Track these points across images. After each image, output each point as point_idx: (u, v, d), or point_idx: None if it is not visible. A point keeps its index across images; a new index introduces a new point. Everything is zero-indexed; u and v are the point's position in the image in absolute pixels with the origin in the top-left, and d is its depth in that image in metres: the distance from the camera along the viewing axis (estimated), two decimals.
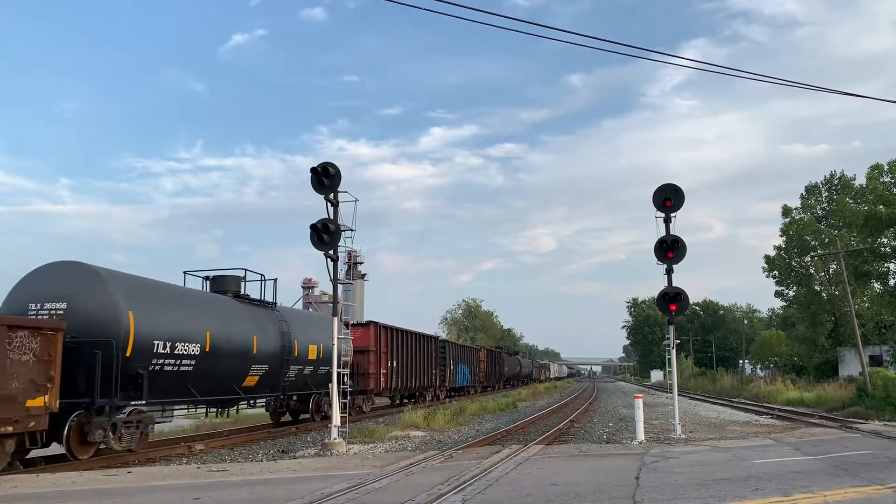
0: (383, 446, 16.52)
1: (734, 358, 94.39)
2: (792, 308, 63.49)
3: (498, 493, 9.50)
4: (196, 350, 15.83)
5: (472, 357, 49.60)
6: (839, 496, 8.98)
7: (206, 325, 16.46)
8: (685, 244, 18.41)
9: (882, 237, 42.12)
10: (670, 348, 19.36)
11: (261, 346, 18.62)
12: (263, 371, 18.91)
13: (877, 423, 21.08)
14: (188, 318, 16.08)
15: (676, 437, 17.64)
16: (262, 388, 19.41)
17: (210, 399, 17.27)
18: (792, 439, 17.08)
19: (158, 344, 14.64)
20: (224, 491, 10.04)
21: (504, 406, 31.93)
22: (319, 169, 16.51)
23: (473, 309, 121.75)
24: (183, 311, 16.21)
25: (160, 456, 14.92)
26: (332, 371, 16.44)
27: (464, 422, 23.59)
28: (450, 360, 41.29)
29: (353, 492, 9.59)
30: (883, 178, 41.15)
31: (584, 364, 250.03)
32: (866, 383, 27.19)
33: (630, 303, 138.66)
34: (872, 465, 12.03)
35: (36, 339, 11.94)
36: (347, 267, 78.42)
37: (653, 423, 22.11)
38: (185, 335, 15.56)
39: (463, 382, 45.08)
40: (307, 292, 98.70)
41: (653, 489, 9.66)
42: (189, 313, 16.36)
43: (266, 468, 12.76)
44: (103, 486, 10.46)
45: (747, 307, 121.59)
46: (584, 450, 15.35)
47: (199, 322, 16.33)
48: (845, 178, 58.56)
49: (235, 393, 18.05)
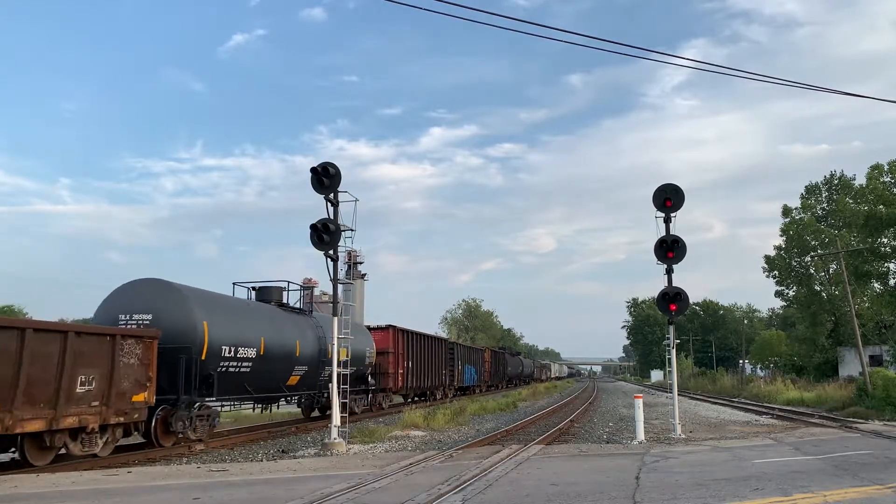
0: (383, 446, 16.52)
1: (734, 358, 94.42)
2: (792, 308, 63.51)
3: (498, 493, 9.50)
4: (253, 354, 18.15)
5: (478, 358, 51.62)
6: (839, 496, 8.98)
7: (260, 331, 18.77)
8: (685, 244, 18.40)
9: (882, 237, 42.10)
10: (670, 348, 19.36)
11: (302, 350, 20.91)
12: (304, 371, 21.25)
13: (877, 423, 21.08)
14: (247, 326, 18.34)
15: (676, 436, 17.64)
16: (302, 387, 21.77)
17: (261, 396, 19.77)
18: (792, 439, 17.08)
19: (225, 349, 16.95)
20: (224, 491, 10.04)
21: (504, 406, 31.93)
22: (319, 169, 16.51)
23: (473, 309, 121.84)
24: (243, 320, 18.47)
25: (160, 456, 14.92)
26: (333, 371, 16.45)
27: (464, 422, 23.59)
28: (458, 361, 43.34)
29: (353, 492, 9.59)
30: (883, 178, 41.14)
31: (585, 364, 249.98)
32: (866, 383, 27.19)
33: (630, 303, 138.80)
34: (872, 465, 12.03)
35: (139, 345, 14.24)
36: (347, 267, 78.35)
37: (653, 423, 22.11)
38: (245, 341, 17.91)
39: (470, 382, 47.16)
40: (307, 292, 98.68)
41: (653, 489, 9.66)
42: (247, 322, 18.61)
43: (266, 468, 12.76)
44: (103, 486, 10.46)
45: (747, 307, 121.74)
46: (584, 450, 15.35)
47: (255, 329, 18.60)
48: (845, 178, 58.56)
49: (281, 391, 20.65)
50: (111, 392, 13.35)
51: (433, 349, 37.25)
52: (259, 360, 18.34)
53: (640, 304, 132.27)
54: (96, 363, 13.08)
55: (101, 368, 13.18)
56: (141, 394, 14.27)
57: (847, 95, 17.03)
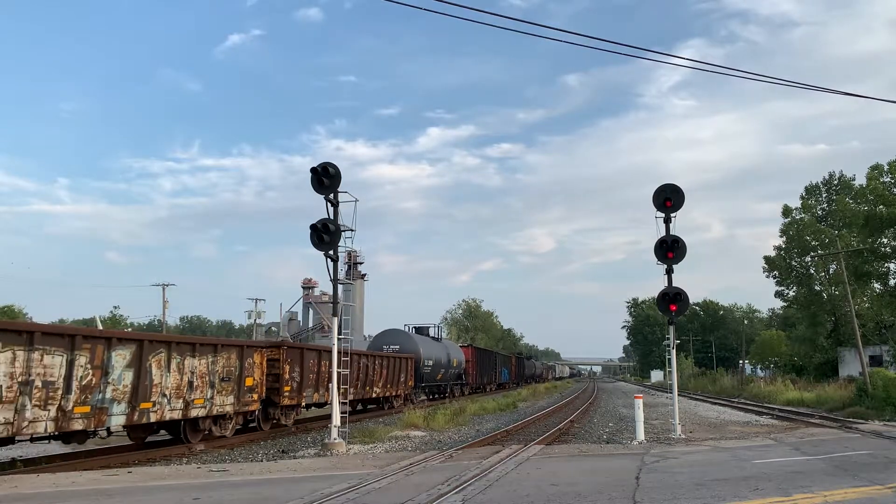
0: (383, 446, 16.52)
1: (734, 358, 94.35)
2: (792, 308, 63.52)
3: (498, 494, 9.50)
4: (432, 363, 37.61)
5: (508, 362, 70.94)
6: (839, 496, 8.98)
7: (435, 351, 39.35)
8: (685, 244, 18.40)
9: (882, 237, 42.13)
10: (670, 348, 19.36)
11: (442, 360, 40.16)
12: (442, 372, 40.43)
13: (877, 423, 21.08)
14: (431, 349, 38.58)
15: (676, 437, 17.64)
16: (442, 380, 41.00)
17: (431, 385, 39.22)
18: (792, 439, 17.08)
19: (426, 360, 36.26)
20: (224, 491, 10.04)
21: (504, 406, 31.91)
22: (319, 169, 16.50)
23: (473, 309, 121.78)
24: (430, 346, 38.85)
25: (160, 456, 14.92)
26: (333, 371, 16.45)
27: (464, 422, 23.58)
28: (499, 365, 62.70)
29: (353, 492, 9.59)
30: (883, 178, 41.15)
31: (584, 364, 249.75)
32: (866, 383, 27.18)
33: (630, 303, 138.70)
34: (872, 465, 12.03)
35: (404, 360, 31.96)
36: (347, 267, 78.40)
37: (653, 423, 22.11)
38: (431, 356, 37.79)
39: (505, 379, 65.94)
40: (307, 292, 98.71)
41: (653, 489, 9.66)
42: (431, 346, 38.98)
43: (266, 468, 12.76)
44: (103, 486, 10.46)
45: (747, 307, 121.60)
46: (584, 450, 15.36)
47: (433, 350, 39.08)
48: (845, 178, 58.58)
49: (436, 381, 39.88)
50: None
51: (488, 357, 58.26)
52: (434, 366, 38.26)
53: (640, 304, 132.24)
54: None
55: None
56: (401, 388, 30.70)
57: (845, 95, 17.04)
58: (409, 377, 32.32)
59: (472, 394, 47.06)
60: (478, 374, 51.37)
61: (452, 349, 45.04)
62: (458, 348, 47.89)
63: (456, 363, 43.98)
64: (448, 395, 41.71)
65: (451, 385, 43.32)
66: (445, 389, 42.24)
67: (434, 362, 38.57)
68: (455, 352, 45.17)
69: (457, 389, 44.62)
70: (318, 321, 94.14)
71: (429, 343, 39.34)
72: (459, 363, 44.78)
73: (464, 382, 46.58)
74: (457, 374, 44.22)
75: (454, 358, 43.71)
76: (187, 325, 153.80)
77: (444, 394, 42.14)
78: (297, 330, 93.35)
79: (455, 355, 44.32)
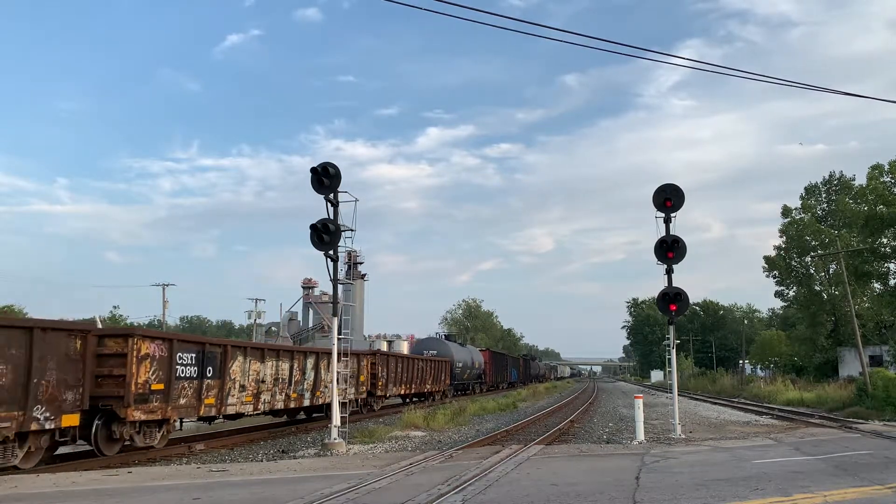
0: (383, 446, 16.52)
1: (734, 358, 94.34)
2: (792, 308, 63.56)
3: (498, 494, 9.50)
4: (461, 365, 46.12)
5: (517, 363, 78.95)
6: (839, 496, 8.99)
7: (462, 355, 47.78)
8: (685, 244, 18.39)
9: (882, 237, 42.11)
10: (670, 348, 19.36)
11: (468, 362, 48.56)
12: (467, 373, 47.90)
13: (877, 423, 21.07)
14: (460, 353, 47.54)
15: (676, 437, 17.64)
16: (468, 379, 48.93)
17: (460, 383, 45.75)
18: (792, 439, 17.08)
19: (457, 363, 44.94)
20: (224, 491, 10.04)
21: (504, 406, 31.89)
22: (319, 169, 16.50)
23: (474, 309, 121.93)
24: (459, 351, 48.21)
25: (160, 456, 14.91)
26: (333, 371, 16.45)
27: (464, 422, 23.58)
28: (510, 366, 71.37)
29: (353, 492, 9.59)
30: (883, 177, 41.14)
31: (584, 364, 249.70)
32: (866, 383, 27.18)
33: (630, 303, 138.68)
34: (872, 465, 12.03)
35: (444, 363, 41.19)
36: (347, 267, 78.34)
37: (653, 423, 22.11)
38: (461, 359, 46.50)
39: (514, 378, 72.92)
40: (307, 292, 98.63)
41: (653, 489, 9.66)
42: (460, 351, 48.29)
43: (266, 468, 12.75)
44: (103, 486, 10.46)
45: (747, 307, 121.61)
46: (584, 450, 15.35)
47: (461, 354, 47.68)
48: (845, 178, 58.57)
49: (463, 380, 47.26)
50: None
51: (501, 360, 66.62)
52: (465, 366, 47.02)
53: (640, 304, 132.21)
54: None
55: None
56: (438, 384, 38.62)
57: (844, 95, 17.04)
58: (446, 376, 41.02)
59: (489, 391, 54.48)
60: (493, 374, 59.35)
61: (475, 353, 54.64)
62: (478, 352, 56.95)
63: (477, 365, 52.50)
64: (470, 392, 49.55)
65: (473, 383, 51.59)
66: (468, 386, 50.07)
67: (463, 364, 47.12)
68: (476, 355, 54.11)
69: (477, 387, 53.05)
70: (318, 321, 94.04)
71: (458, 348, 49.13)
72: (480, 365, 53.56)
73: (482, 381, 54.71)
74: (477, 374, 52.65)
75: (476, 360, 52.44)
76: (187, 324, 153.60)
77: (467, 390, 49.36)
78: (297, 330, 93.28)
79: (476, 358, 53.35)
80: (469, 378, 49.31)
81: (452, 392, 42.34)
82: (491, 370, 57.85)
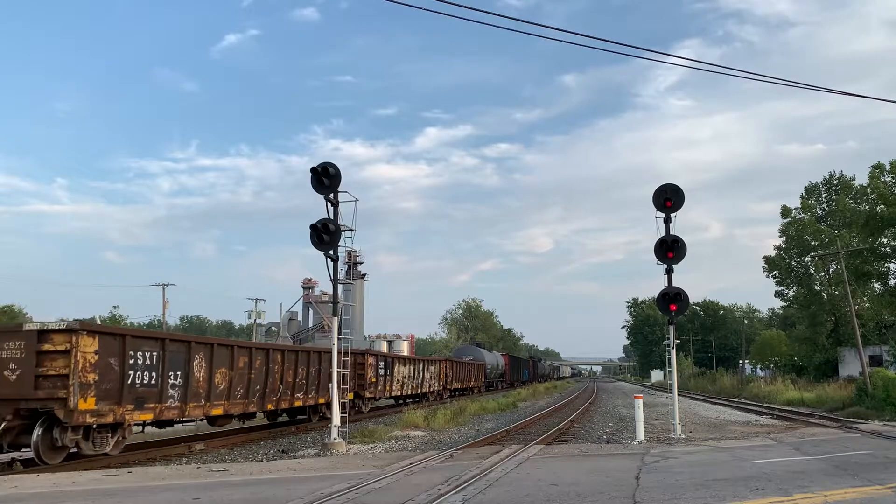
0: (383, 446, 16.52)
1: (734, 358, 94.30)
2: (792, 308, 63.50)
3: (498, 494, 9.50)
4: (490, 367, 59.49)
5: (527, 364, 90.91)
6: (839, 496, 8.98)
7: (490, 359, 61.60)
8: (685, 244, 18.38)
9: (882, 237, 42.07)
10: (670, 348, 19.34)
11: (495, 364, 62.66)
12: (494, 373, 61.48)
13: (877, 423, 21.06)
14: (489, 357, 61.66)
15: (676, 437, 17.63)
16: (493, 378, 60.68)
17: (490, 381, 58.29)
18: (792, 439, 17.08)
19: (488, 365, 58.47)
20: (224, 491, 10.03)
21: (504, 406, 31.89)
22: (319, 169, 16.49)
23: (474, 309, 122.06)
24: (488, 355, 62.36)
25: (160, 456, 14.92)
26: (333, 371, 16.44)
27: (464, 422, 23.59)
28: (522, 367, 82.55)
29: (353, 492, 9.59)
30: (884, 177, 41.10)
31: (584, 364, 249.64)
32: (866, 383, 27.18)
33: (630, 303, 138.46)
34: (872, 465, 12.02)
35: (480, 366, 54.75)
36: (347, 267, 78.35)
37: (653, 423, 22.11)
38: (490, 362, 60.30)
39: (526, 378, 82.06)
40: (307, 292, 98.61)
41: (653, 489, 9.66)
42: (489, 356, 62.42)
43: (266, 468, 12.75)
44: (103, 486, 10.46)
45: (747, 307, 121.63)
46: (584, 450, 15.35)
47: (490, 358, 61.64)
48: (845, 178, 58.52)
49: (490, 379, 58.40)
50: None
51: (517, 362, 79.41)
52: (490, 369, 58.73)
53: (640, 304, 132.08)
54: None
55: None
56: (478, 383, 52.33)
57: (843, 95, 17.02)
58: (482, 375, 54.12)
59: (508, 388, 63.50)
60: (511, 374, 71.67)
61: (498, 357, 68.18)
62: (500, 356, 69.97)
63: (500, 366, 65.66)
64: (494, 388, 59.93)
65: (497, 381, 63.26)
66: (493, 385, 60.99)
67: (491, 366, 60.19)
68: (499, 359, 67.93)
69: (501, 384, 64.73)
70: (318, 321, 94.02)
71: (487, 353, 62.80)
72: (502, 366, 66.48)
73: (503, 380, 66.55)
74: (500, 373, 65.31)
75: (500, 363, 66.23)
76: (187, 324, 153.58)
77: (491, 386, 59.58)
78: (297, 330, 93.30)
79: (500, 361, 66.84)
80: (494, 377, 61.78)
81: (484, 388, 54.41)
82: (509, 370, 70.39)
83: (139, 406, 13.80)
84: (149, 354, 14.02)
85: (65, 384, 12.09)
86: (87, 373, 12.40)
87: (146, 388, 13.97)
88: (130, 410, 13.55)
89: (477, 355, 57.06)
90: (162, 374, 14.33)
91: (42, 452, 12.39)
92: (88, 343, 12.49)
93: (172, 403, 14.71)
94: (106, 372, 12.88)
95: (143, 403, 13.89)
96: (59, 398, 12.09)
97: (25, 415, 12.23)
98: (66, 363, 12.17)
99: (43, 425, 12.38)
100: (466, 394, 45.51)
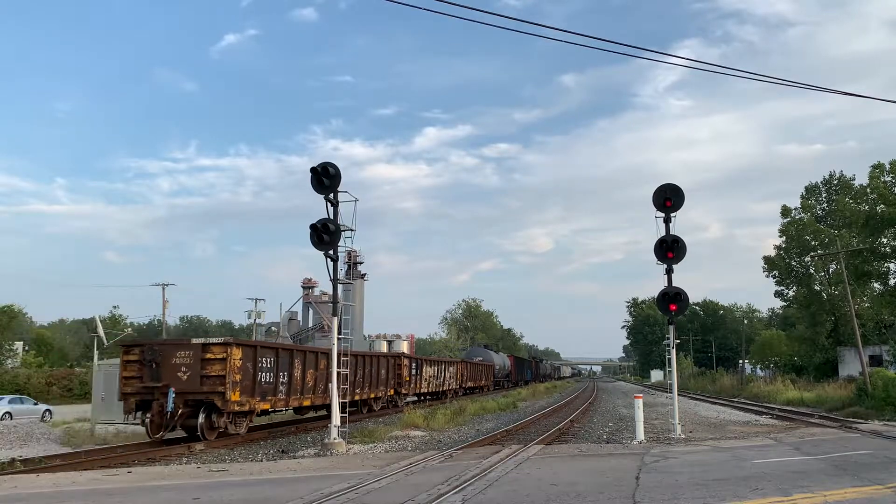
0: (383, 446, 16.52)
1: (734, 358, 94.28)
2: (792, 308, 63.43)
3: (498, 493, 9.50)
4: (498, 367, 63.70)
5: (530, 364, 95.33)
6: (839, 496, 8.98)
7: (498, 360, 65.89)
8: (685, 244, 18.38)
9: (882, 237, 42.09)
10: (670, 348, 19.34)
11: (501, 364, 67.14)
12: (501, 373, 65.98)
13: (877, 423, 21.05)
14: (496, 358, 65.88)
15: (676, 437, 17.63)
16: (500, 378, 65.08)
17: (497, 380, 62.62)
18: (792, 439, 17.08)
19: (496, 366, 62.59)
20: (224, 491, 10.03)
21: (504, 406, 31.87)
22: (319, 169, 16.49)
23: (473, 309, 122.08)
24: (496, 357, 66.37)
25: (160, 456, 14.92)
26: (333, 370, 16.44)
27: (464, 422, 23.58)
28: (526, 368, 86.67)
29: (352, 492, 9.59)
30: (884, 177, 41.11)
31: (584, 364, 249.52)
32: (866, 383, 27.17)
33: (630, 303, 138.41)
34: (872, 465, 12.02)
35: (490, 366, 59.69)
36: (347, 267, 78.26)
37: (653, 423, 22.11)
38: (497, 363, 64.27)
39: (529, 377, 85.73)
40: (307, 292, 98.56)
41: (653, 489, 9.66)
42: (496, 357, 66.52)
43: (266, 468, 12.76)
44: (103, 486, 10.46)
45: (747, 307, 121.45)
46: (584, 450, 15.35)
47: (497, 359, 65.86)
48: (845, 178, 58.46)
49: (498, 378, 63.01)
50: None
51: (521, 363, 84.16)
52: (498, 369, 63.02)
53: (640, 304, 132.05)
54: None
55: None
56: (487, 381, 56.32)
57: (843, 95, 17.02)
58: (490, 376, 57.98)
59: (514, 387, 67.17)
60: (516, 374, 75.72)
61: (504, 358, 72.22)
62: (506, 357, 74.88)
63: (506, 367, 70.29)
64: (501, 387, 63.64)
65: (504, 380, 67.44)
66: (500, 384, 64.75)
67: (499, 367, 64.47)
68: (506, 360, 72.28)
69: (507, 383, 68.40)
70: (318, 321, 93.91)
71: (495, 355, 66.86)
72: (507, 367, 70.78)
73: (509, 379, 70.52)
74: (506, 373, 69.54)
75: (506, 364, 70.46)
76: (187, 324, 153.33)
77: (498, 385, 63.48)
78: (296, 330, 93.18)
79: (506, 362, 71.43)
80: (501, 377, 66.07)
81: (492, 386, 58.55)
82: (515, 371, 74.64)
83: (262, 398, 18.17)
84: (268, 360, 18.36)
85: (222, 382, 16.33)
86: (235, 374, 16.55)
87: (267, 385, 18.34)
88: (258, 401, 17.86)
89: (486, 357, 61.87)
90: (276, 374, 18.70)
91: (204, 431, 16.58)
92: (236, 353, 16.70)
93: (281, 396, 19.18)
94: (245, 373, 17.23)
95: (265, 396, 18.24)
96: (218, 392, 16.32)
97: (192, 404, 16.40)
98: (222, 367, 16.39)
99: (205, 412, 16.55)
100: (478, 391, 50.73)
